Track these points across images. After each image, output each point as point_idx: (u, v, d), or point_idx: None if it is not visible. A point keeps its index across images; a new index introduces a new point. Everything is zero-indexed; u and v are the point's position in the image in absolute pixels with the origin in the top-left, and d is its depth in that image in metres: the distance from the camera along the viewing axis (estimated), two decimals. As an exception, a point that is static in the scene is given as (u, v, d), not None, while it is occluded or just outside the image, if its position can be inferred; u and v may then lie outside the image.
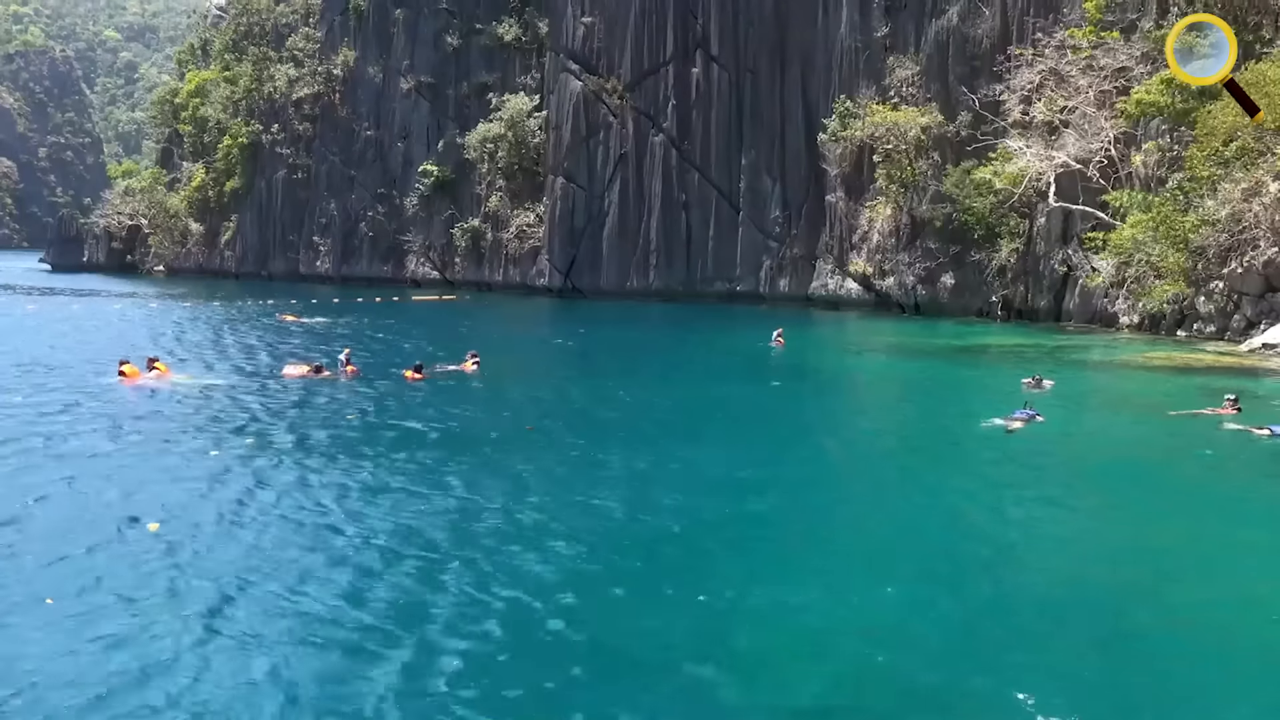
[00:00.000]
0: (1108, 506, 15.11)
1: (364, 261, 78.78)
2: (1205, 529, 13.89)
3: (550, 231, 64.57)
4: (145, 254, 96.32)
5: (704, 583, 11.18)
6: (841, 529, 14.03)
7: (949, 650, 9.53)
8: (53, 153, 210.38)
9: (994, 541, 13.21)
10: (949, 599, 10.90)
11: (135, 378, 24.91)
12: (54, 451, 17.20)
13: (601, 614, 10.34)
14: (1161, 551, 12.89)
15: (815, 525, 14.12)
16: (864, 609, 10.62)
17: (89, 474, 15.69)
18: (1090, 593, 11.18)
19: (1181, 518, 14.51)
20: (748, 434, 20.58)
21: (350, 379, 26.21)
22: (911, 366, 33.05)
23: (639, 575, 11.60)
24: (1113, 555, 12.66)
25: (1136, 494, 15.93)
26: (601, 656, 9.31)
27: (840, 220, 55.33)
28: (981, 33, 50.75)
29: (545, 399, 25.53)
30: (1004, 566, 12.08)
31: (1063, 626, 10.13)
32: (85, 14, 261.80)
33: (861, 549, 13.03)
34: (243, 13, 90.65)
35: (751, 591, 11.01)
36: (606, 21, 62.98)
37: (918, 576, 11.69)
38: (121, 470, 15.94)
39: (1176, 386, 26.69)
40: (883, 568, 12.05)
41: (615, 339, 42.56)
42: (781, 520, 14.23)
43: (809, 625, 10.16)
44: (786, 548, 12.98)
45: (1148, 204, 39.25)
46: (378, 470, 16.17)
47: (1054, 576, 11.76)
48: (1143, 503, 15.39)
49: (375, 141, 78.94)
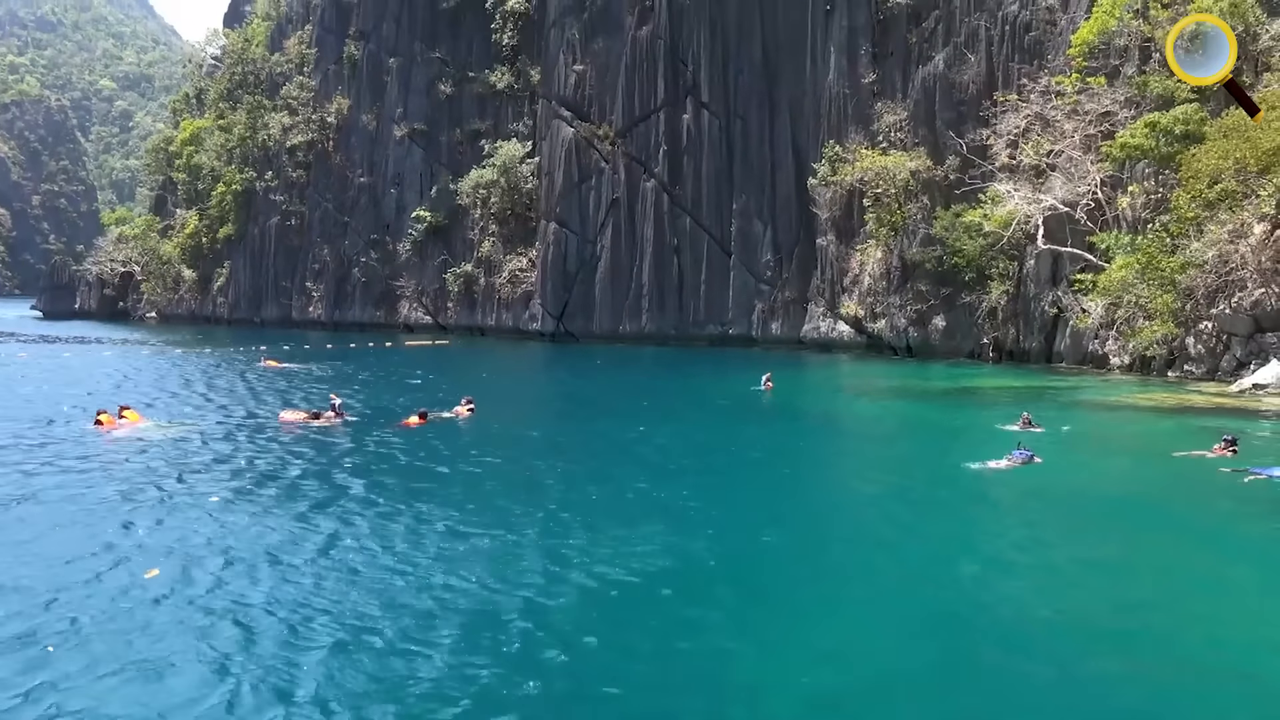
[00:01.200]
0: (1109, 550, 14.97)
1: (357, 307, 78.91)
2: (1210, 571, 13.78)
3: (543, 276, 64.83)
4: (137, 300, 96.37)
5: (688, 632, 11.03)
6: (833, 574, 13.88)
7: (946, 703, 9.39)
8: (46, 200, 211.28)
9: (994, 588, 13.04)
10: (948, 649, 10.77)
11: (112, 425, 24.88)
12: (30, 499, 17.02)
13: (584, 664, 10.18)
14: (1168, 595, 12.78)
15: (808, 571, 13.98)
16: (859, 658, 10.48)
17: (72, 523, 15.50)
18: (1099, 642, 11.03)
19: (1184, 560, 14.40)
20: (735, 478, 20.46)
21: (341, 425, 26.07)
22: (904, 409, 33.02)
23: (622, 622, 11.44)
24: (1121, 601, 12.50)
25: (1138, 537, 15.80)
26: (584, 706, 9.15)
27: (831, 263, 55.68)
28: (967, 79, 51.51)
29: (537, 443, 25.43)
30: (1006, 615, 11.90)
31: (1069, 675, 10.00)
32: (81, 64, 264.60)
33: (854, 595, 12.88)
34: (238, 62, 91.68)
35: (743, 641, 10.87)
36: (598, 69, 63.80)
37: (914, 624, 11.55)
38: (105, 518, 15.75)
39: (1170, 427, 26.69)
40: (878, 615, 11.92)
41: (606, 383, 42.52)
42: (773, 567, 14.09)
43: (803, 680, 10.01)
44: (779, 595, 12.83)
45: (1135, 246, 39.59)
46: (375, 516, 16.01)
47: (1059, 623, 11.62)
48: (1146, 546, 15.27)
49: (368, 188, 79.47)
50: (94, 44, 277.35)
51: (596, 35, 64.04)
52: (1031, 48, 49.60)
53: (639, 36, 62.45)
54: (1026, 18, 50.10)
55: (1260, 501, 17.74)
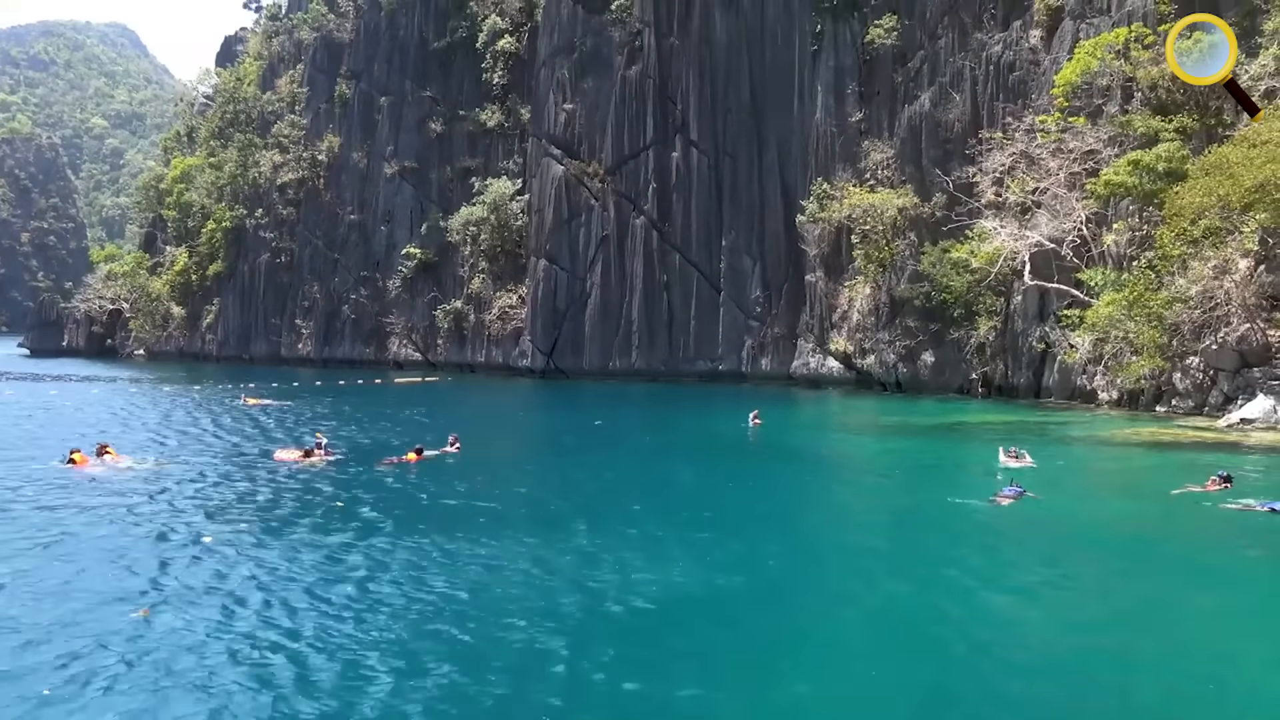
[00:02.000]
0: (1106, 586, 14.91)
1: (346, 344, 78.77)
2: (1207, 607, 13.73)
3: (532, 313, 64.88)
4: (125, 338, 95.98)
5: (677, 674, 10.91)
6: (823, 615, 13.76)
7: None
8: (35, 238, 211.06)
9: (990, 627, 12.93)
10: (943, 689, 10.66)
11: (85, 464, 24.62)
12: (13, 540, 16.80)
13: (568, 703, 10.04)
14: (1167, 631, 12.71)
15: (800, 610, 13.86)
16: (854, 701, 10.36)
17: (55, 560, 15.29)
18: (1101, 679, 10.93)
19: (1190, 597, 14.33)
20: (724, 517, 20.32)
21: (327, 463, 25.86)
22: (894, 445, 32.99)
23: (608, 662, 11.30)
24: (1119, 638, 12.42)
25: (1133, 572, 15.74)
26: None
27: (820, 299, 55.91)
28: (953, 118, 52.11)
29: (525, 482, 25.30)
30: (1003, 655, 11.80)
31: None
32: (73, 102, 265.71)
33: (846, 635, 12.77)
34: (229, 100, 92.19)
35: (735, 682, 10.74)
36: (587, 108, 64.34)
37: (907, 663, 11.45)
38: (90, 556, 15.54)
39: (1160, 462, 26.74)
40: (871, 655, 11.81)
41: (593, 420, 42.40)
42: (762, 606, 13.97)
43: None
44: (771, 633, 12.71)
45: (1121, 282, 39.86)
46: (369, 551, 15.85)
47: (1059, 661, 11.54)
48: (1141, 581, 15.20)
49: (359, 225, 79.66)
50: (86, 83, 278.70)
51: (586, 75, 64.67)
52: (1015, 87, 50.26)
53: (628, 76, 63.09)
54: (1010, 58, 50.82)
55: (1260, 535, 17.71)
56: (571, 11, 65.78)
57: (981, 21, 52.95)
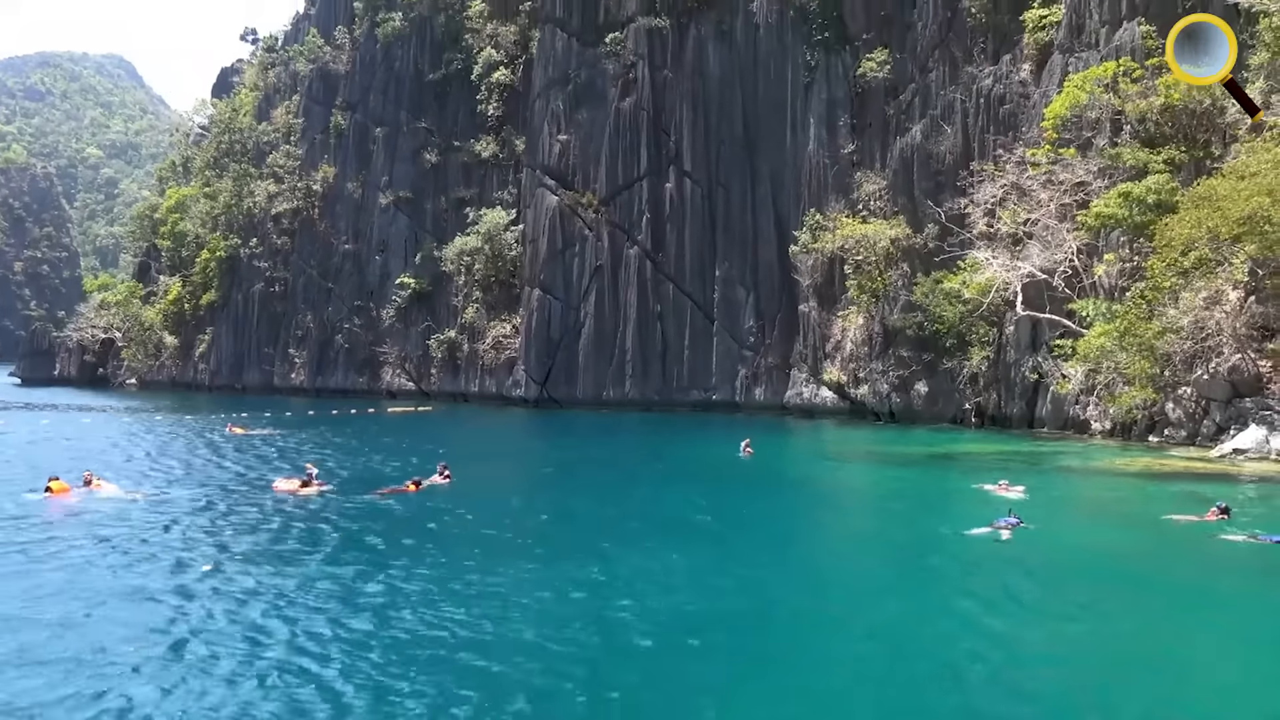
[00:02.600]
0: (1103, 616, 14.78)
1: (339, 373, 78.66)
2: (1216, 641, 13.67)
3: (526, 342, 64.92)
4: (118, 367, 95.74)
5: (700, 705, 10.83)
6: (819, 646, 13.68)
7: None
8: (29, 266, 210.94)
9: (988, 659, 12.86)
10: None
11: (64, 493, 24.38)
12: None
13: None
14: (1163, 663, 12.66)
15: (795, 644, 13.79)
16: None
17: (44, 599, 15.14)
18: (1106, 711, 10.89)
19: (1181, 628, 14.28)
20: (716, 548, 20.24)
21: (318, 494, 25.71)
22: (888, 475, 32.97)
23: (631, 689, 11.23)
24: (1117, 669, 12.37)
25: (1131, 603, 15.63)
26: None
27: (813, 329, 56.08)
28: (944, 149, 52.58)
29: (519, 510, 25.17)
30: (1002, 687, 11.75)
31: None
32: (69, 132, 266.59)
33: (842, 668, 12.69)
34: (225, 131, 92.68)
35: (756, 714, 10.66)
36: (581, 139, 64.80)
37: (905, 696, 11.38)
38: (83, 591, 15.40)
39: (1155, 493, 26.74)
40: (867, 686, 11.73)
41: (586, 449, 42.34)
42: (770, 634, 13.89)
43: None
44: (782, 662, 12.63)
45: (1112, 313, 40.08)
46: (364, 585, 15.73)
47: (1059, 694, 11.47)
48: (1137, 613, 15.08)
49: (353, 254, 79.83)
50: (82, 113, 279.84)
51: (580, 106, 65.19)
52: (1006, 120, 50.77)
53: (622, 108, 63.60)
54: (1000, 91, 51.38)
55: (1265, 567, 17.68)
56: (566, 44, 66.43)
57: (972, 55, 53.58)
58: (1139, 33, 45.11)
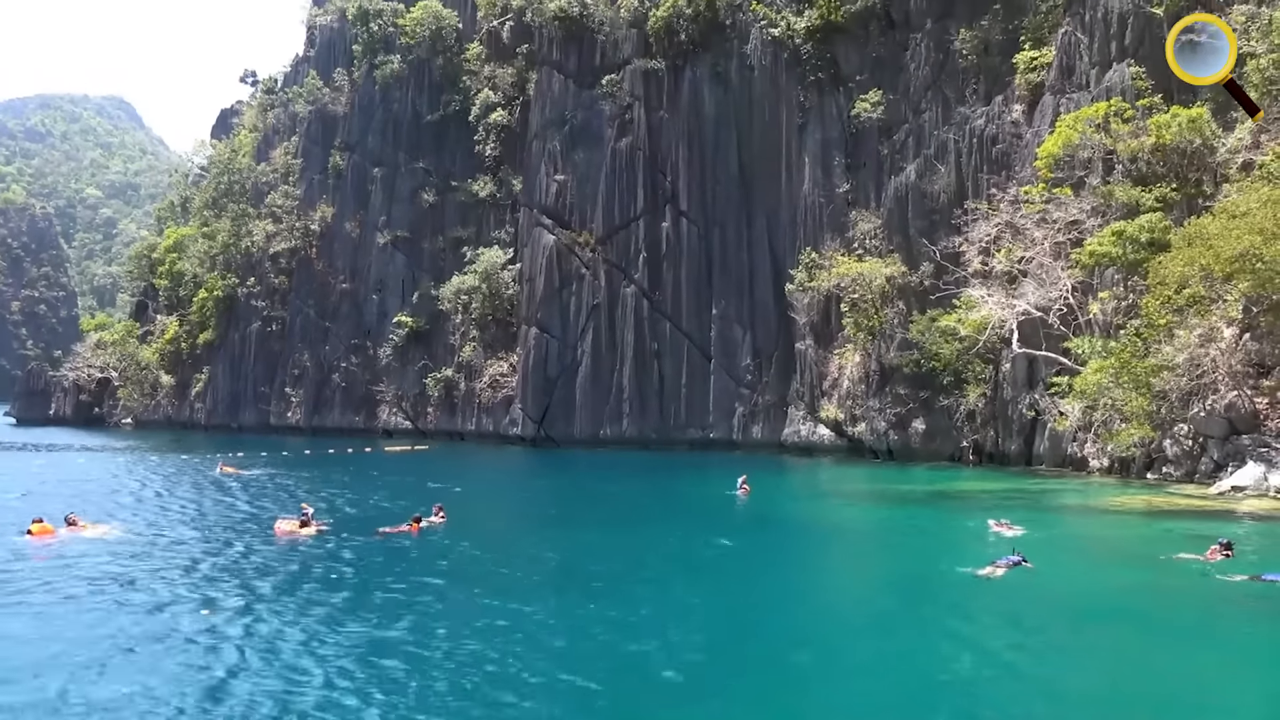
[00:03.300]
0: (1110, 657, 14.66)
1: (336, 412, 78.49)
2: (1215, 681, 13.56)
3: (524, 381, 64.91)
4: (113, 406, 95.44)
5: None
6: (820, 686, 13.57)
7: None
8: (26, 306, 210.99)
9: (996, 701, 12.74)
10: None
11: (47, 534, 24.18)
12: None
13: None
14: (1171, 705, 12.55)
15: (797, 683, 13.66)
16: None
17: (36, 644, 14.99)
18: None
19: (1189, 670, 14.14)
20: (717, 589, 20.11)
21: (315, 534, 25.56)
22: (887, 513, 32.86)
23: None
24: (1125, 711, 12.25)
25: (1138, 644, 15.48)
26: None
27: (810, 367, 56.16)
28: (938, 188, 53.02)
29: (520, 549, 25.03)
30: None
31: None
32: (68, 172, 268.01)
33: (846, 708, 12.57)
34: (224, 171, 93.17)
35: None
36: (578, 179, 65.28)
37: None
38: (74, 636, 15.25)
39: (1155, 531, 26.66)
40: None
41: (584, 489, 42.20)
42: (776, 672, 13.77)
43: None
44: (776, 708, 12.51)
45: (1108, 350, 40.20)
46: (388, 625, 15.60)
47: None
48: (1144, 654, 14.96)
49: (350, 293, 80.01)
50: (82, 154, 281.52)
51: (577, 147, 65.74)
52: (999, 159, 51.27)
53: (619, 148, 64.16)
54: (993, 131, 51.92)
55: (1272, 606, 17.57)
56: (563, 86, 67.14)
57: (964, 96, 54.21)
58: (1129, 74, 45.73)
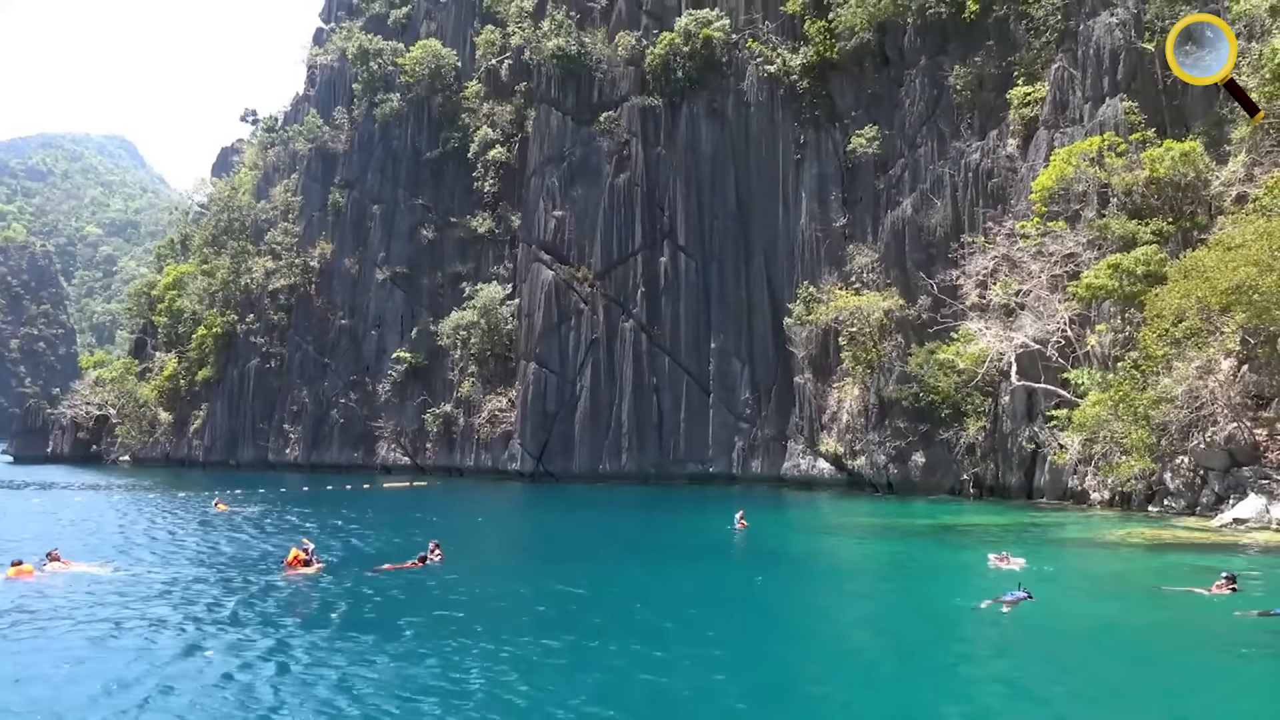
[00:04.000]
0: (1120, 695, 14.53)
1: (334, 448, 78.24)
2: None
3: (522, 416, 64.80)
4: (111, 444, 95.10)
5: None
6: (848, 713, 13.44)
7: None
8: (25, 344, 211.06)
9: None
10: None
11: (25, 575, 23.96)
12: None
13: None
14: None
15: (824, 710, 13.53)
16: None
17: (33, 683, 14.85)
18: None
19: (1201, 709, 14.02)
20: (713, 625, 19.93)
21: (314, 572, 25.39)
22: (888, 548, 32.66)
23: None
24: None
25: (1147, 682, 15.28)
26: None
27: (809, 401, 56.13)
28: (935, 222, 53.32)
29: (510, 587, 24.87)
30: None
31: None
32: (69, 211, 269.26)
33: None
34: (224, 209, 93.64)
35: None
36: (577, 214, 65.63)
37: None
38: (70, 676, 15.10)
39: (1159, 564, 26.50)
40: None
41: (584, 525, 41.95)
42: (784, 709, 13.63)
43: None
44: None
45: (1106, 382, 40.21)
46: (387, 661, 15.45)
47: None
48: (1154, 692, 14.78)
49: (349, 330, 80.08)
50: (83, 192, 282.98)
51: (575, 183, 66.17)
52: (994, 193, 51.60)
53: (617, 184, 64.58)
54: (988, 165, 52.32)
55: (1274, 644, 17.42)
56: (561, 123, 67.70)
57: (959, 131, 54.68)
58: (1121, 109, 46.18)
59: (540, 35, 69.36)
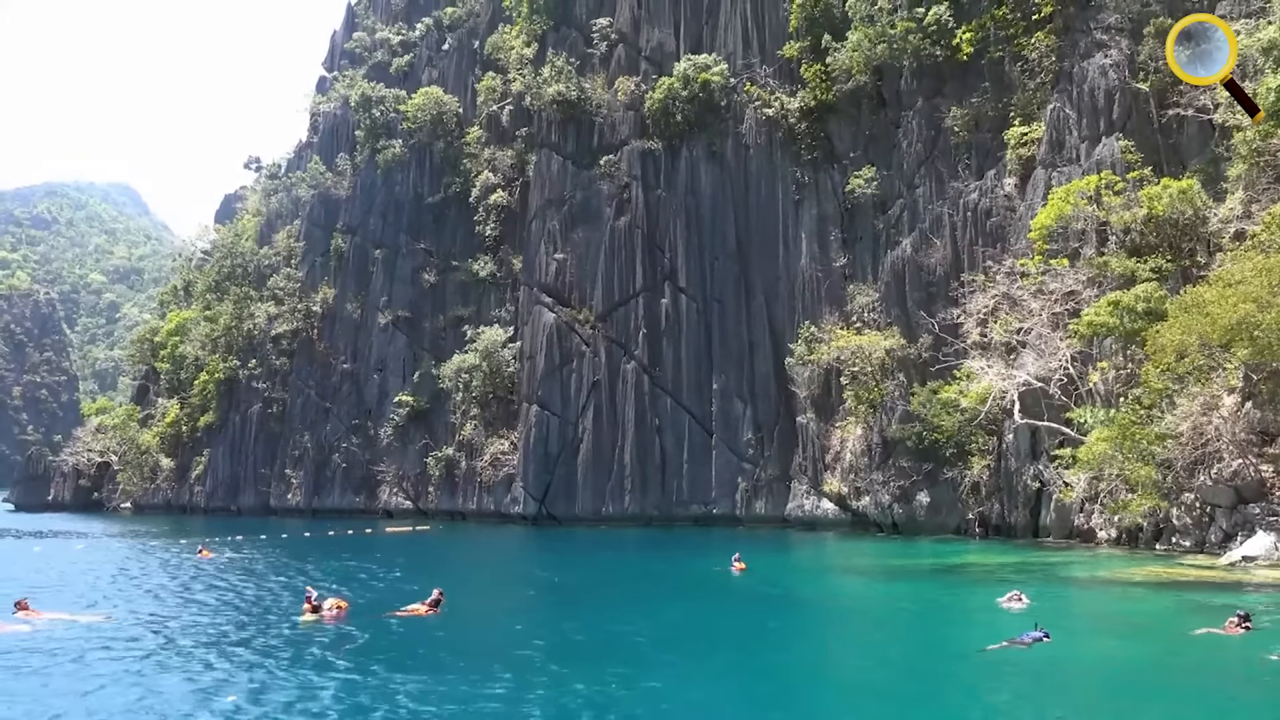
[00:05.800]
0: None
1: (336, 493, 77.95)
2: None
3: (525, 459, 64.60)
4: (112, 491, 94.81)
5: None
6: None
7: None
8: (27, 391, 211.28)
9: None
10: None
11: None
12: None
13: None
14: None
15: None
16: None
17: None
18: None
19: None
20: (729, 665, 19.74)
21: (318, 621, 25.12)
22: (895, 589, 32.34)
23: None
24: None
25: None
26: None
27: (812, 441, 55.96)
28: (934, 261, 53.54)
29: (518, 631, 24.60)
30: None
31: None
32: (73, 259, 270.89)
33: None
34: (227, 255, 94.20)
35: None
36: (578, 257, 65.96)
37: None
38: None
39: (1170, 604, 26.21)
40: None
41: (587, 568, 41.59)
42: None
43: None
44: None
45: (1110, 419, 40.09)
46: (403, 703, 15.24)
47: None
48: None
49: (351, 374, 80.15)
50: (87, 239, 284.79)
51: (576, 226, 66.58)
52: (994, 232, 51.87)
53: (617, 226, 64.98)
54: (987, 205, 52.66)
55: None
56: (561, 167, 68.29)
57: (957, 171, 55.11)
58: (1118, 148, 46.57)
59: (540, 81, 70.21)
